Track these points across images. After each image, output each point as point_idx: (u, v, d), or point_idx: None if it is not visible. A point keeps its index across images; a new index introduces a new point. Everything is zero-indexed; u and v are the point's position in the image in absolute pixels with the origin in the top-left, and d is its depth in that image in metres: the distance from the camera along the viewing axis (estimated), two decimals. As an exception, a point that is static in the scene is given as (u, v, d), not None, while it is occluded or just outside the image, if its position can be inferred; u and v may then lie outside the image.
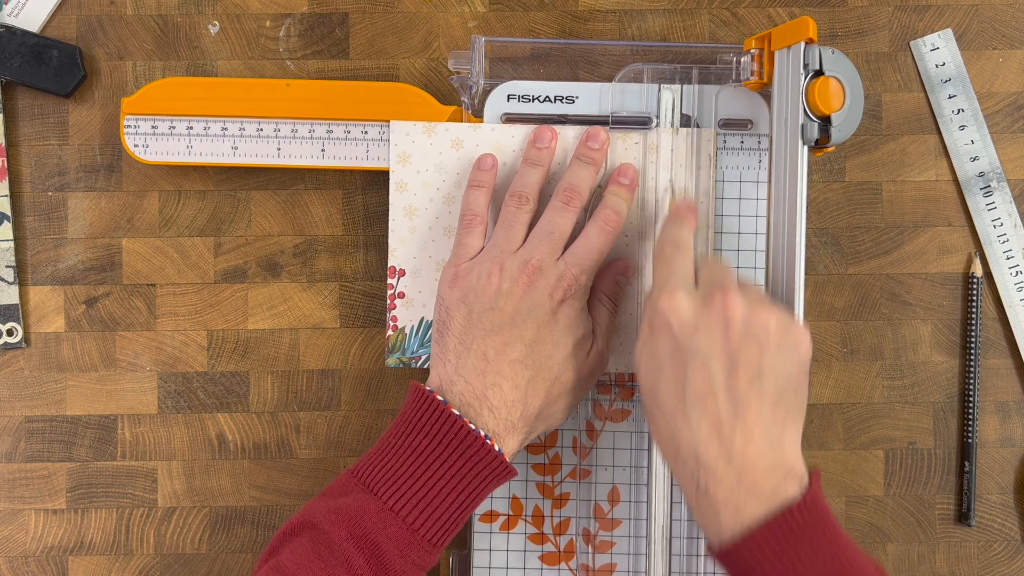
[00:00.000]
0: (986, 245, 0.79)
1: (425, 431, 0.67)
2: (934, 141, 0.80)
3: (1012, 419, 0.79)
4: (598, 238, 0.72)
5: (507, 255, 0.70)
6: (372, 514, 0.65)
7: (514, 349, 0.68)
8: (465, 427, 0.66)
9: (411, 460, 0.67)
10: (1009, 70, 0.80)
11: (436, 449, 0.66)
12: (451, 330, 0.70)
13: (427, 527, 0.66)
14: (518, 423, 0.68)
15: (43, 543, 0.79)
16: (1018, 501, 0.79)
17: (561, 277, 0.70)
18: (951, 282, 0.80)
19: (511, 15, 0.80)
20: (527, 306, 0.69)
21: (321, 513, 0.65)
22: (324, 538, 0.64)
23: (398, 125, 0.76)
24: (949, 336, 0.79)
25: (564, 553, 0.77)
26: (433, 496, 0.66)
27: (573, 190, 0.72)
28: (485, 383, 0.68)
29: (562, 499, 0.77)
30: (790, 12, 0.79)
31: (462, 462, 0.66)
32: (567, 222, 0.72)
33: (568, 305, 0.70)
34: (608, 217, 0.72)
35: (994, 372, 0.79)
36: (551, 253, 0.70)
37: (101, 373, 0.79)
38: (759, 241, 0.76)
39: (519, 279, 0.69)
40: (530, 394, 0.69)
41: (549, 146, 0.75)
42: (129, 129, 0.76)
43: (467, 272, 0.71)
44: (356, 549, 0.64)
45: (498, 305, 0.69)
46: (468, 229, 0.73)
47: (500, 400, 0.68)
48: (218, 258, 0.80)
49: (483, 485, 0.67)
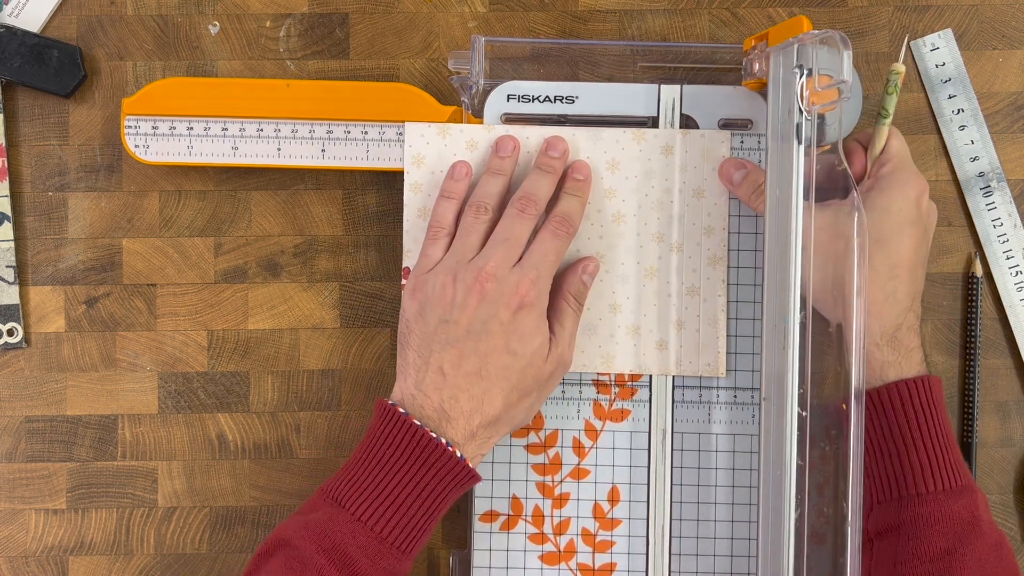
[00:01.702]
0: (986, 245, 0.79)
1: (389, 443, 0.69)
2: (934, 141, 0.80)
3: (1012, 419, 0.79)
4: (552, 242, 0.72)
5: (462, 265, 0.71)
6: (340, 525, 0.67)
7: (469, 362, 0.70)
8: (427, 436, 0.68)
9: (377, 472, 0.68)
10: (1009, 70, 0.80)
11: (400, 459, 0.68)
12: (410, 344, 0.71)
13: (395, 535, 0.67)
14: (477, 430, 0.70)
15: (43, 543, 0.79)
16: (1018, 501, 0.79)
17: (517, 285, 0.70)
18: (951, 282, 0.79)
19: (511, 15, 0.80)
20: (481, 317, 0.70)
21: (292, 530, 0.67)
22: (296, 554, 0.66)
23: (413, 127, 0.76)
24: (949, 336, 0.79)
25: (564, 553, 0.77)
26: (399, 504, 0.68)
27: (529, 198, 0.73)
28: (442, 396, 0.70)
29: (562, 499, 0.77)
30: (790, 12, 0.79)
31: (425, 470, 0.68)
32: (523, 229, 0.72)
33: (524, 313, 0.70)
34: (560, 221, 0.73)
35: (994, 372, 0.79)
36: (506, 260, 0.71)
37: (101, 373, 0.80)
38: (758, 241, 0.76)
39: (473, 289, 0.70)
40: (487, 403, 0.70)
41: (511, 155, 0.75)
42: (130, 129, 0.76)
43: (423, 283, 0.72)
44: (327, 561, 0.66)
45: (452, 317, 0.70)
46: (432, 240, 0.74)
47: (457, 412, 0.69)
48: (218, 258, 0.80)
49: (447, 491, 0.69)
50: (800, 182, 0.69)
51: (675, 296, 0.76)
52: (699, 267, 0.76)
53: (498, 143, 0.75)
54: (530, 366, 0.71)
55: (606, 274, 0.76)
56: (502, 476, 0.77)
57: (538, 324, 0.71)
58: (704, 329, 0.76)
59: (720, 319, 0.76)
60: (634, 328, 0.76)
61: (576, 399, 0.77)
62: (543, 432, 0.77)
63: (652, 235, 0.76)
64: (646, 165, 0.76)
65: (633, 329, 0.76)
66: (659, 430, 0.76)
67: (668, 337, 0.76)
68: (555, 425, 0.77)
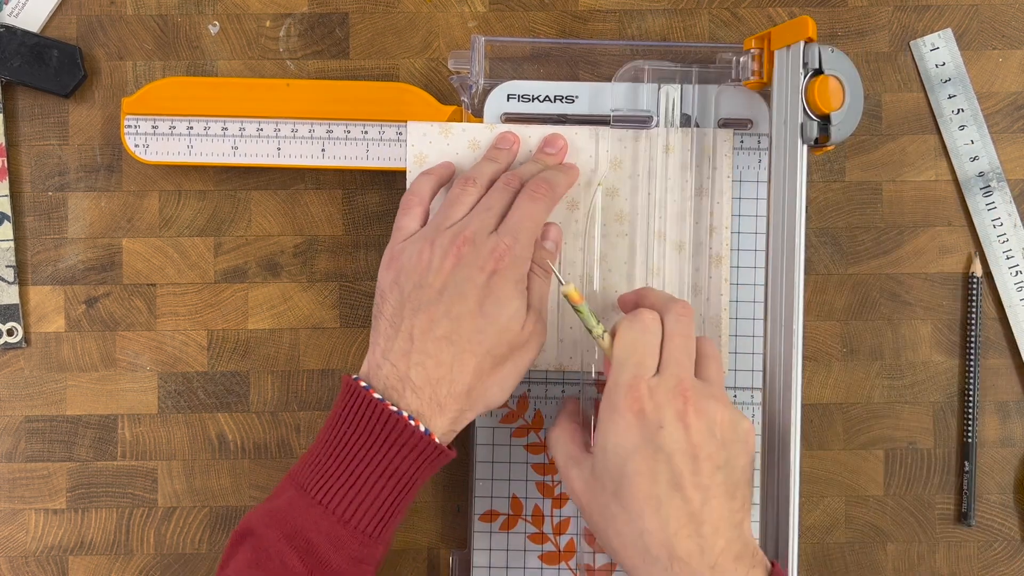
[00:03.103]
0: (986, 245, 0.79)
1: (349, 421, 0.66)
2: (934, 141, 0.80)
3: (1012, 419, 0.79)
4: (529, 206, 0.70)
5: (440, 231, 0.69)
6: (301, 510, 0.64)
7: (440, 326, 0.66)
8: (387, 411, 0.65)
9: (339, 452, 0.65)
10: (1009, 70, 0.80)
11: (361, 437, 0.65)
12: (383, 313, 0.68)
13: (358, 517, 0.64)
14: (445, 401, 0.66)
15: (43, 543, 0.79)
16: (1018, 501, 0.79)
17: (493, 249, 0.67)
18: (951, 282, 0.80)
19: (511, 15, 0.80)
20: (456, 280, 0.67)
21: (256, 518, 0.65)
22: (260, 543, 0.64)
23: (415, 126, 0.76)
24: (949, 336, 0.79)
25: (564, 553, 0.77)
26: (362, 485, 0.65)
27: (516, 175, 0.72)
28: (409, 363, 0.66)
29: (562, 499, 0.77)
30: (790, 12, 0.79)
31: (387, 448, 0.65)
32: (505, 198, 0.70)
33: (500, 277, 0.67)
34: (537, 185, 0.71)
35: (994, 372, 0.79)
36: (484, 227, 0.68)
37: (101, 373, 0.79)
38: (759, 241, 0.76)
39: (449, 253, 0.67)
40: (456, 370, 0.66)
41: (510, 148, 0.75)
42: (129, 129, 0.76)
43: (400, 252, 0.69)
44: (290, 548, 0.63)
45: (427, 282, 0.67)
46: (405, 210, 0.72)
47: (423, 379, 0.66)
48: (218, 258, 0.80)
49: (415, 471, 0.66)
50: (804, 182, 0.69)
51: (677, 295, 0.76)
52: (702, 266, 0.76)
53: (500, 136, 0.75)
54: (505, 331, 0.68)
55: (608, 273, 0.76)
56: (502, 476, 0.77)
57: (514, 289, 0.68)
58: (706, 328, 0.76)
59: (723, 318, 0.76)
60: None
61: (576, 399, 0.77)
62: (543, 432, 0.77)
63: (654, 234, 0.76)
64: (648, 164, 0.76)
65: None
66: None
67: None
68: (555, 425, 0.77)
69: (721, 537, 0.62)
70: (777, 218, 0.70)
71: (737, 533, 0.63)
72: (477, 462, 0.77)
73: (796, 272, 0.69)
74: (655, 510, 0.62)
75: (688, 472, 0.62)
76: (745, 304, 0.76)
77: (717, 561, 0.62)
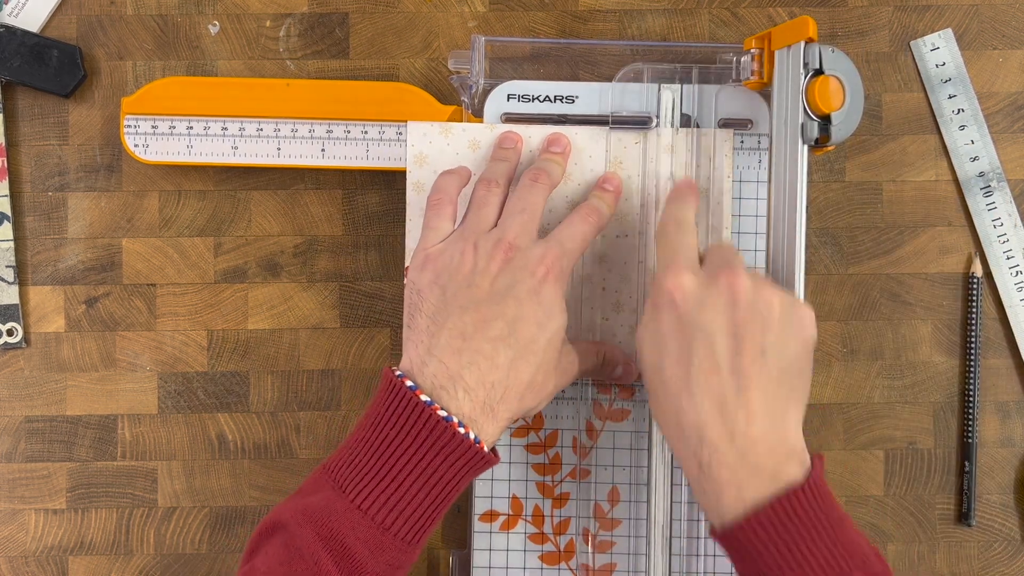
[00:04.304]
0: (986, 245, 0.79)
1: (393, 422, 0.63)
2: (934, 141, 0.80)
3: (1012, 419, 0.79)
4: (581, 225, 0.69)
5: (480, 234, 0.67)
6: (340, 514, 0.62)
7: (494, 327, 0.64)
8: (435, 416, 0.62)
9: (380, 454, 0.63)
10: (1009, 70, 0.80)
11: (405, 441, 0.63)
12: (423, 311, 0.66)
13: (399, 525, 0.62)
14: (498, 407, 0.64)
15: (43, 543, 0.79)
16: (1018, 501, 0.79)
17: (544, 255, 0.66)
18: (951, 282, 0.80)
19: (511, 15, 0.80)
20: (505, 282, 0.65)
21: (289, 513, 0.63)
22: (293, 541, 0.61)
23: (415, 126, 0.76)
24: (949, 336, 0.79)
25: (564, 553, 0.77)
26: (404, 492, 0.62)
27: (541, 170, 0.71)
28: (461, 362, 0.63)
29: (562, 499, 0.77)
30: (790, 12, 0.79)
31: (433, 454, 0.62)
32: (538, 198, 0.69)
33: (550, 285, 0.66)
34: (592, 209, 0.71)
35: (994, 372, 0.79)
36: (525, 230, 0.67)
37: (101, 373, 0.79)
38: (759, 241, 0.76)
39: (495, 256, 0.65)
40: (512, 376, 0.64)
41: (515, 147, 0.74)
42: (129, 129, 0.76)
43: (439, 253, 0.67)
44: (325, 551, 0.61)
45: (474, 282, 0.65)
46: (436, 210, 0.69)
47: (477, 380, 0.63)
48: (218, 258, 0.80)
49: (458, 477, 0.64)
50: (804, 182, 0.69)
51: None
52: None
53: (502, 136, 0.75)
54: (553, 342, 0.66)
55: (608, 273, 0.76)
56: (502, 476, 0.77)
57: (561, 300, 0.66)
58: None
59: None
60: (636, 328, 0.76)
61: (576, 399, 0.77)
62: (543, 432, 0.77)
63: (655, 234, 0.76)
64: (648, 164, 0.76)
65: (635, 329, 0.76)
66: (659, 430, 0.76)
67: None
68: (555, 425, 0.77)
69: (756, 426, 0.61)
70: (777, 218, 0.70)
71: (777, 425, 0.61)
72: (477, 462, 0.77)
73: (796, 272, 0.69)
74: (689, 390, 0.62)
75: (728, 353, 0.61)
76: (745, 304, 0.76)
77: (749, 450, 0.60)
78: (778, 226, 0.70)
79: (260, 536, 0.64)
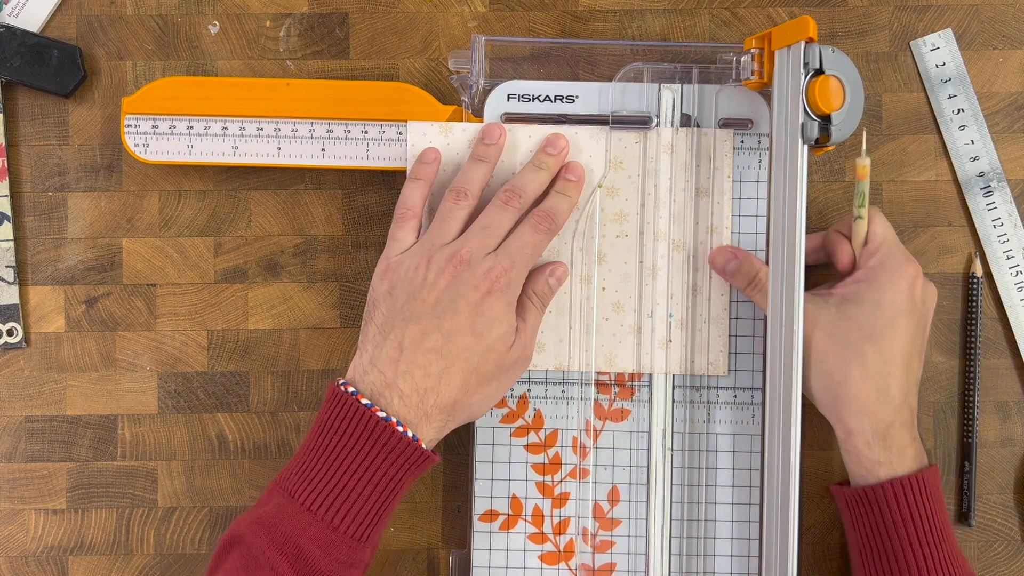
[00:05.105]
0: (986, 245, 0.79)
1: (337, 426, 0.67)
2: (934, 141, 0.80)
3: (1012, 419, 0.79)
4: (531, 235, 0.71)
5: (437, 248, 0.70)
6: (290, 517, 0.65)
7: (431, 338, 0.68)
8: (375, 417, 0.66)
9: (326, 458, 0.67)
10: (1009, 70, 0.80)
11: (348, 443, 0.66)
12: (374, 321, 0.70)
13: (348, 524, 0.66)
14: (432, 411, 0.68)
15: (43, 543, 0.79)
16: (1018, 501, 0.79)
17: (489, 270, 0.69)
18: (951, 282, 0.80)
19: (511, 15, 0.80)
20: (449, 296, 0.69)
21: (244, 526, 0.66)
22: (249, 551, 0.65)
23: (415, 125, 0.76)
24: (949, 336, 0.79)
25: (564, 553, 0.77)
26: (350, 491, 0.66)
27: (515, 191, 0.72)
28: (397, 371, 0.68)
29: (562, 499, 0.77)
30: (790, 12, 0.79)
31: (375, 453, 0.66)
32: (504, 220, 0.72)
33: (493, 298, 0.69)
34: (543, 216, 0.72)
35: (994, 372, 0.79)
36: (482, 247, 0.70)
37: (101, 373, 0.79)
38: (759, 241, 0.76)
39: (445, 270, 0.69)
40: (444, 383, 0.68)
41: (497, 143, 0.75)
42: (129, 129, 0.76)
43: (397, 265, 0.71)
44: (280, 555, 0.64)
45: (420, 295, 0.69)
46: (400, 223, 0.73)
47: (411, 387, 0.67)
48: (218, 258, 0.80)
49: (400, 474, 0.67)
50: (804, 182, 0.69)
51: (678, 295, 0.76)
52: (702, 265, 0.76)
53: (485, 130, 0.75)
54: (492, 351, 0.69)
55: (608, 273, 0.76)
56: (502, 476, 0.77)
57: (506, 311, 0.70)
58: (707, 328, 0.76)
59: (723, 317, 0.76)
60: (636, 327, 0.76)
61: (576, 399, 0.77)
62: (543, 432, 0.77)
63: (655, 234, 0.76)
64: (648, 164, 0.76)
65: (635, 328, 0.76)
66: (659, 430, 0.76)
67: (671, 336, 0.76)
68: (555, 425, 0.77)
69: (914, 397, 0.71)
70: (777, 218, 0.70)
71: None
72: (477, 462, 0.77)
73: (796, 272, 0.69)
74: (906, 363, 0.70)
75: (923, 340, 0.72)
76: (745, 304, 0.76)
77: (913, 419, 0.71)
78: (778, 226, 0.70)
79: (219, 555, 0.67)
